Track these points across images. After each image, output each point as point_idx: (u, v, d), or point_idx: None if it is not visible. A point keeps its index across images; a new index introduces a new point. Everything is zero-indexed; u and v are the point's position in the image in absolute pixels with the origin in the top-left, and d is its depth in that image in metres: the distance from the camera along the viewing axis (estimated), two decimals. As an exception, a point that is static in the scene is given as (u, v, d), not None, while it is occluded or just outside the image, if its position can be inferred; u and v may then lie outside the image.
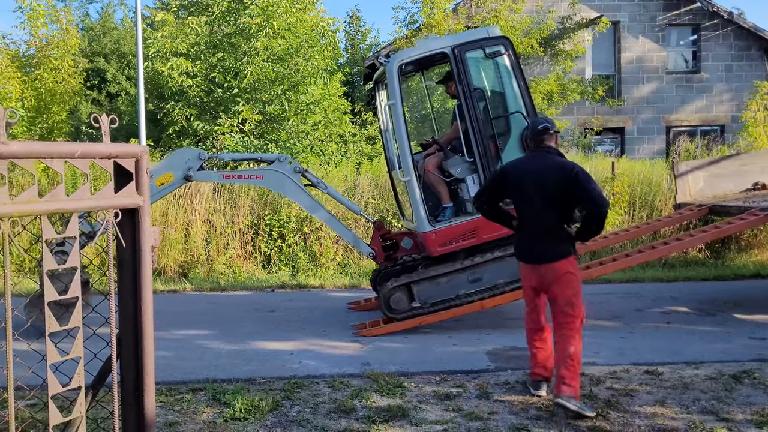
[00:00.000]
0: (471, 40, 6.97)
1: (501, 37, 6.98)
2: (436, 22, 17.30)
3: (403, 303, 6.96)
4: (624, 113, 19.70)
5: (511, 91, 6.99)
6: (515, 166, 5.08)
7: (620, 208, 11.68)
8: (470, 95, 6.83)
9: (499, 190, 5.13)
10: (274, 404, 4.77)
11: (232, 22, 14.77)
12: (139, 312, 2.28)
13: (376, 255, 7.58)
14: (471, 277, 6.98)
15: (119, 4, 26.00)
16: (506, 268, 6.92)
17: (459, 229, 6.93)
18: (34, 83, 14.57)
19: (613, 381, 5.26)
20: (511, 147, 6.87)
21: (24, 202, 1.85)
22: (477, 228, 6.88)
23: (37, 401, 4.52)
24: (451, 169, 7.15)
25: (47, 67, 14.58)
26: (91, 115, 2.32)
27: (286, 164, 7.32)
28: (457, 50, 6.84)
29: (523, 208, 4.92)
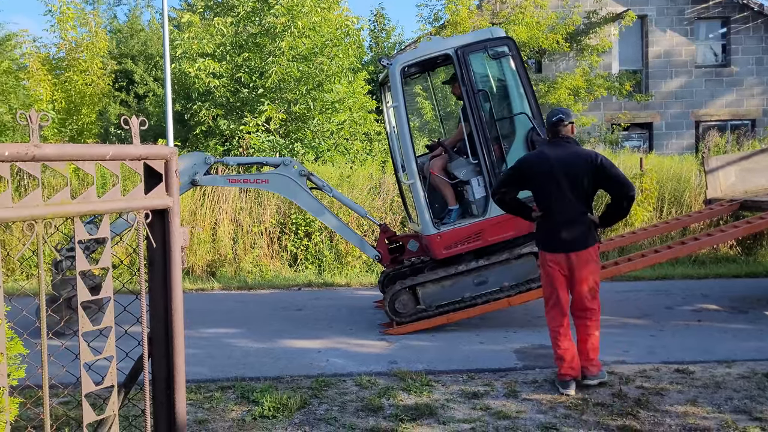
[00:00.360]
0: (474, 42, 6.88)
1: (505, 38, 6.90)
2: (460, 19, 17.25)
3: (408, 306, 6.94)
4: (652, 108, 19.46)
5: (515, 92, 6.91)
6: (537, 156, 5.15)
7: (649, 205, 11.53)
8: (474, 97, 6.76)
9: (520, 182, 5.18)
10: (302, 402, 4.80)
11: (257, 22, 14.86)
12: (170, 311, 2.31)
13: (381, 258, 7.55)
14: (476, 279, 6.94)
15: (146, 6, 26.36)
16: (511, 271, 6.91)
17: (464, 231, 6.88)
18: (64, 85, 14.80)
19: (643, 380, 5.20)
20: (516, 148, 6.81)
21: (57, 204, 1.88)
22: (482, 230, 6.83)
23: (70, 399, 4.60)
24: (455, 171, 7.09)
25: (77, 70, 14.80)
26: (121, 117, 2.36)
27: (291, 168, 7.31)
28: (461, 52, 6.77)
29: (550, 197, 4.97)
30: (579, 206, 4.94)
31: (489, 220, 6.79)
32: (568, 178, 4.89)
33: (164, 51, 14.02)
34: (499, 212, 6.67)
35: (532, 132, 6.75)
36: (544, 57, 18.96)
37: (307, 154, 14.35)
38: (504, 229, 6.80)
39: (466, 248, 6.89)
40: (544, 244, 5.13)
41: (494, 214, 6.74)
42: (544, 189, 5.00)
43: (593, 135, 18.25)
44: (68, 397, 4.54)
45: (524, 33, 16.97)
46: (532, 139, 6.73)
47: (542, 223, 5.14)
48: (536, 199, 5.16)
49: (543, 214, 5.10)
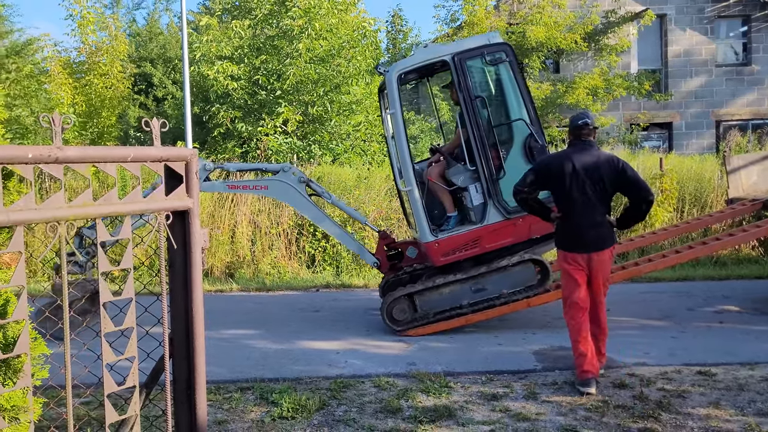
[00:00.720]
0: (471, 48, 6.85)
1: (502, 44, 6.87)
2: (477, 20, 17.22)
3: (406, 313, 6.91)
4: (671, 108, 19.29)
5: (513, 98, 6.87)
6: (562, 157, 5.23)
7: (669, 205, 11.42)
8: (471, 103, 6.73)
9: (543, 182, 5.29)
10: (321, 403, 4.80)
11: (274, 25, 14.92)
12: (190, 312, 2.32)
13: (380, 265, 7.53)
14: (474, 287, 6.90)
15: (165, 10, 26.56)
16: (510, 278, 6.87)
17: (462, 238, 6.84)
18: (84, 89, 14.95)
19: (664, 382, 5.15)
20: (514, 155, 6.79)
21: (80, 205, 1.89)
22: (480, 237, 6.80)
23: (92, 399, 4.64)
24: (453, 177, 7.06)
25: (97, 73, 14.95)
26: (142, 120, 2.37)
27: (290, 174, 7.30)
28: (458, 58, 6.74)
29: (574, 198, 5.08)
30: (600, 208, 5.09)
31: (487, 227, 6.77)
32: (592, 181, 5.03)
33: (183, 54, 14.13)
34: (496, 219, 6.76)
35: (530, 138, 6.73)
36: (562, 57, 18.86)
37: (325, 155, 14.38)
38: (502, 235, 6.79)
39: (464, 255, 6.86)
40: (565, 244, 5.22)
41: (492, 221, 6.76)
42: (568, 190, 5.09)
43: (612, 135, 18.12)
44: (90, 397, 4.58)
45: (542, 33, 16.89)
46: (530, 145, 6.72)
47: (564, 223, 5.23)
48: (558, 200, 5.24)
49: (564, 215, 5.19)
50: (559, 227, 5.30)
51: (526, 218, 6.68)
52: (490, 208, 6.76)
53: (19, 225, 1.73)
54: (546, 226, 6.58)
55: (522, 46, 17.38)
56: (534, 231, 6.80)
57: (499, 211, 6.73)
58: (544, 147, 6.73)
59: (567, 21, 17.61)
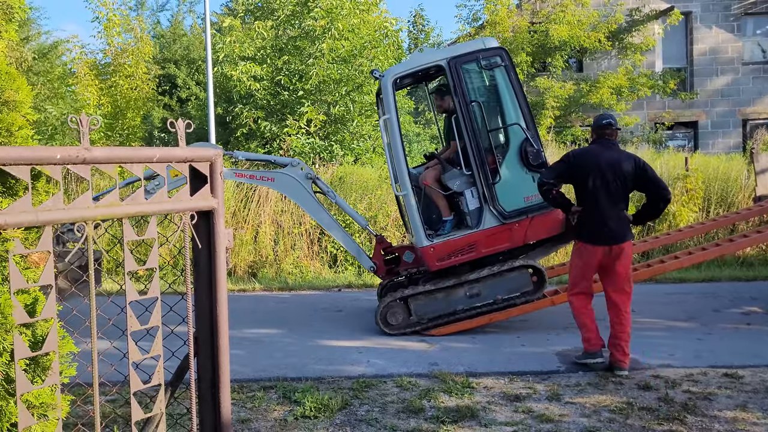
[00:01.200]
0: (467, 52, 6.83)
1: (498, 48, 6.84)
2: (499, 19, 17.14)
3: (400, 318, 6.90)
4: (697, 107, 19.05)
5: (509, 103, 6.83)
6: (586, 154, 5.53)
7: (694, 205, 11.29)
8: (467, 108, 6.73)
9: (568, 175, 5.59)
10: (344, 403, 4.81)
11: (296, 26, 14.98)
12: (215, 311, 2.34)
13: (377, 269, 7.50)
14: (469, 292, 6.88)
15: (188, 12, 26.75)
16: (506, 284, 6.85)
17: (457, 243, 6.81)
18: (110, 90, 15.13)
19: (690, 384, 5.09)
20: (510, 159, 6.76)
21: (106, 205, 1.92)
22: (476, 242, 6.78)
23: (117, 397, 4.70)
24: (449, 182, 7.04)
25: (122, 75, 15.12)
26: (164, 121, 2.40)
27: (298, 169, 7.31)
28: (453, 62, 6.73)
29: (598, 193, 5.37)
30: (621, 203, 5.41)
31: (483, 232, 6.75)
32: (615, 177, 5.32)
33: (206, 55, 14.24)
34: (492, 224, 6.75)
35: (525, 143, 6.71)
36: (586, 56, 18.70)
37: (346, 155, 14.41)
38: (498, 240, 6.77)
39: (460, 260, 6.83)
40: (587, 236, 5.48)
41: (488, 225, 6.74)
42: (592, 184, 5.37)
43: (636, 134, 17.94)
44: (116, 395, 4.64)
45: (565, 32, 16.77)
46: (526, 149, 6.69)
47: (586, 216, 5.48)
48: (581, 193, 5.51)
49: (587, 208, 5.45)
50: (581, 219, 5.53)
51: (522, 223, 6.72)
52: (486, 212, 6.75)
53: (48, 225, 1.75)
54: (542, 232, 6.75)
55: (545, 45, 17.27)
56: (530, 237, 6.82)
57: (494, 216, 6.73)
58: (540, 151, 6.71)
59: (590, 19, 17.46)
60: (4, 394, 1.99)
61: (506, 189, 6.72)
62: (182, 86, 21.84)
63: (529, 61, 17.03)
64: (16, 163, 1.69)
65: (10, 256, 1.70)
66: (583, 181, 5.42)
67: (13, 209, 1.68)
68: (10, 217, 1.67)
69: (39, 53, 17.82)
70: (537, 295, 6.82)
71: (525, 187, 6.72)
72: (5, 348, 1.96)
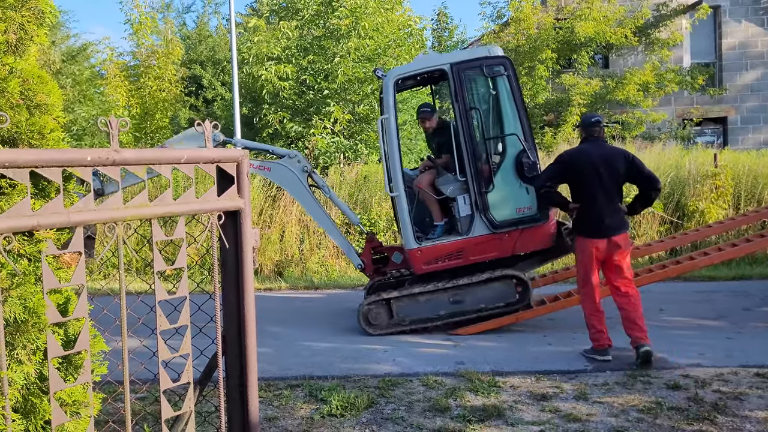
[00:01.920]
0: (471, 59, 6.84)
1: (502, 57, 6.82)
2: (524, 16, 17.04)
3: (382, 318, 6.90)
4: (726, 102, 18.74)
5: (509, 113, 6.82)
6: (581, 152, 5.78)
7: (724, 202, 11.13)
8: (466, 114, 6.72)
9: (564, 174, 5.83)
10: (370, 401, 4.83)
11: (321, 25, 15.03)
12: (242, 310, 2.36)
13: (365, 267, 7.48)
14: (453, 298, 6.88)
15: (213, 13, 26.99)
16: (490, 292, 6.83)
17: (445, 248, 6.81)
18: (138, 91, 15.33)
19: (720, 384, 5.02)
20: (505, 169, 6.75)
21: (136, 206, 1.94)
22: (464, 249, 6.78)
23: (147, 395, 4.76)
24: (442, 187, 7.03)
25: (150, 76, 15.30)
26: (191, 122, 2.43)
27: (295, 162, 7.31)
28: (456, 68, 6.73)
29: (595, 189, 5.61)
30: (616, 197, 5.69)
31: (472, 239, 6.76)
32: (609, 172, 5.60)
33: (231, 56, 14.36)
34: (482, 232, 6.76)
35: (522, 154, 6.70)
36: (612, 52, 18.50)
37: (371, 154, 14.42)
38: (486, 249, 6.78)
39: (447, 265, 6.83)
40: (587, 231, 5.72)
41: (477, 233, 6.74)
42: (589, 181, 5.63)
43: (664, 131, 17.71)
44: (145, 393, 4.70)
45: (591, 28, 16.61)
46: (522, 161, 6.68)
47: (584, 212, 5.72)
48: (578, 190, 5.76)
49: (585, 204, 5.70)
50: (580, 216, 5.77)
51: (512, 234, 6.74)
52: (477, 220, 6.76)
53: (79, 226, 1.78)
54: (531, 245, 6.80)
55: (570, 41, 17.12)
56: (519, 248, 6.83)
57: (485, 225, 6.74)
58: (536, 164, 6.70)
59: (617, 15, 17.27)
60: (37, 392, 2.03)
61: (499, 199, 6.76)
62: (208, 87, 22.03)
63: (554, 57, 16.91)
64: (48, 165, 1.72)
65: (42, 257, 1.74)
66: (579, 180, 5.69)
67: (45, 210, 1.71)
68: (43, 218, 1.70)
69: (68, 56, 18.10)
70: (521, 305, 6.82)
71: (518, 198, 6.76)
72: (39, 347, 2.00)
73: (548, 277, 8.13)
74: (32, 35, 2.20)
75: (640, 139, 16.09)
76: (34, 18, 2.20)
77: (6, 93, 2.04)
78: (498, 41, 17.55)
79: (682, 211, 11.35)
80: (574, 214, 5.85)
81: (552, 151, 14.52)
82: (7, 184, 1.99)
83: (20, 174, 1.66)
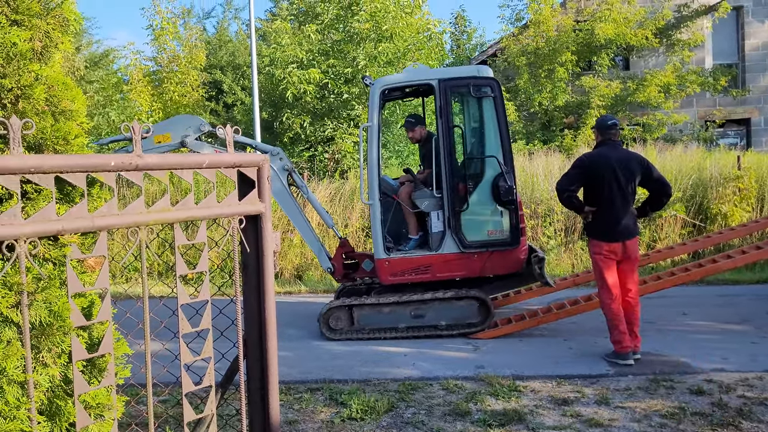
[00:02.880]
0: (460, 77, 6.88)
1: (490, 79, 6.83)
2: (543, 18, 16.96)
3: (342, 324, 6.90)
4: (749, 103, 18.49)
5: (492, 134, 6.83)
6: (600, 157, 5.74)
7: (747, 205, 10.98)
8: (448, 131, 6.72)
9: (584, 178, 5.81)
10: (390, 405, 4.82)
11: (341, 29, 15.07)
12: (263, 314, 2.37)
13: (334, 271, 7.44)
14: (414, 312, 6.87)
15: (233, 18, 27.18)
16: (451, 311, 6.83)
17: (413, 262, 6.82)
18: (161, 97, 15.48)
19: (745, 389, 4.95)
20: (482, 190, 6.76)
21: (158, 211, 1.96)
22: (432, 265, 6.79)
23: (169, 398, 4.79)
24: (417, 200, 7.03)
25: (173, 81, 15.45)
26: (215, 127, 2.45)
27: (277, 159, 7.28)
28: (444, 84, 6.74)
29: (613, 193, 5.64)
30: (631, 201, 5.74)
31: (440, 256, 6.78)
32: (626, 176, 5.63)
33: (252, 60, 14.44)
34: (452, 250, 6.79)
35: (499, 177, 6.69)
36: (632, 53, 18.35)
37: (391, 158, 14.43)
38: (454, 268, 6.79)
39: (413, 279, 6.85)
40: (604, 235, 5.73)
41: (447, 250, 6.76)
42: (607, 185, 5.64)
43: (686, 133, 17.52)
44: (168, 396, 4.74)
45: (611, 30, 16.49)
46: (498, 184, 6.68)
47: (602, 216, 5.73)
48: (595, 194, 5.76)
49: (602, 208, 5.70)
50: (597, 220, 5.77)
51: (481, 255, 6.75)
52: (448, 237, 6.78)
53: (103, 230, 1.81)
54: (500, 268, 6.81)
55: (590, 43, 17.01)
56: (487, 270, 6.83)
57: (455, 243, 6.76)
58: (512, 189, 6.66)
59: (637, 17, 17.13)
60: (62, 394, 2.06)
61: (472, 219, 6.78)
62: (228, 92, 22.16)
63: (574, 60, 16.81)
64: (72, 171, 1.74)
65: (67, 261, 1.76)
66: (598, 184, 5.69)
67: (70, 215, 1.74)
68: (68, 223, 1.72)
69: (90, 62, 18.32)
70: (482, 327, 6.82)
71: (491, 220, 6.78)
72: (63, 350, 2.03)
73: (569, 281, 8.08)
74: (57, 42, 2.23)
75: (662, 142, 15.94)
76: (59, 26, 2.23)
77: (32, 99, 2.07)
78: (517, 44, 17.48)
79: (705, 214, 11.22)
80: (590, 218, 5.85)
81: (572, 154, 14.43)
82: (33, 189, 2.02)
83: (46, 179, 1.68)
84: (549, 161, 12.50)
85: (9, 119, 1.63)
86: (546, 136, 17.02)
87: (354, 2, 14.57)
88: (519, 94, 17.56)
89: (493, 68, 18.60)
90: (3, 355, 1.89)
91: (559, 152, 14.43)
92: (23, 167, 1.62)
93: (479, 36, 26.33)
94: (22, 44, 2.04)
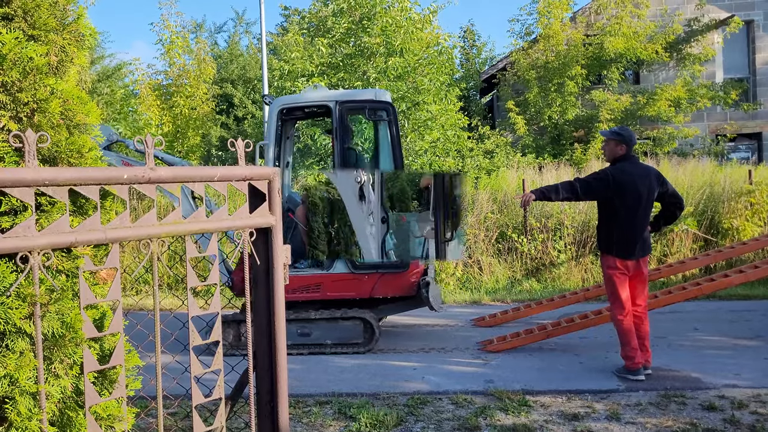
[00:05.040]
0: (356, 99, 6.99)
1: (386, 103, 6.90)
2: (553, 32, 17.00)
3: (229, 338, 6.85)
4: (761, 118, 18.43)
5: (386, 158, 6.90)
6: (623, 173, 5.62)
7: (759, 219, 10.92)
8: (342, 152, 6.78)
9: (601, 195, 5.72)
10: (399, 419, 4.81)
11: (351, 43, 15.15)
12: (273, 327, 2.38)
13: (233, 285, 7.31)
14: (300, 330, 6.89)
15: (245, 32, 27.38)
16: (336, 331, 6.87)
17: (304, 280, 6.83)
18: (171, 110, 15.60)
19: (757, 405, 4.91)
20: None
21: (170, 223, 1.98)
22: (322, 284, 6.81)
23: (178, 410, 4.79)
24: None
25: (182, 95, 15.57)
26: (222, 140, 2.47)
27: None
28: (340, 107, 6.79)
29: (635, 208, 5.56)
30: (648, 216, 5.70)
31: (330, 275, 6.82)
32: (646, 192, 5.59)
33: (263, 74, 14.56)
34: (341, 270, 6.83)
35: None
36: (643, 68, 18.35)
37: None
38: (345, 288, 6.83)
39: (305, 297, 6.86)
40: (623, 251, 5.63)
41: (337, 270, 6.80)
42: (631, 201, 5.57)
43: (696, 147, 17.47)
44: (177, 408, 4.74)
45: (621, 44, 16.51)
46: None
47: (621, 232, 5.61)
48: (613, 210, 5.63)
49: (622, 225, 5.58)
50: (616, 235, 5.64)
51: (371, 277, 6.77)
52: (339, 258, 6.81)
53: (115, 242, 1.82)
54: (390, 290, 6.80)
55: (600, 57, 17.03)
56: (378, 291, 6.84)
57: (345, 263, 6.79)
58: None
59: (647, 31, 17.14)
60: (73, 405, 2.06)
61: (361, 240, 6.77)
62: (239, 105, 22.32)
63: (584, 74, 16.82)
64: (86, 183, 1.76)
65: (80, 273, 1.77)
66: (620, 200, 5.59)
67: (83, 227, 1.75)
68: (80, 235, 1.74)
69: (103, 75, 18.50)
70: (367, 348, 6.85)
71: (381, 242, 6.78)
72: (75, 361, 2.04)
73: (579, 295, 8.05)
74: (72, 57, 2.26)
75: (675, 156, 15.89)
76: (75, 40, 2.26)
77: (47, 113, 2.10)
78: (527, 58, 17.51)
79: (717, 229, 11.16)
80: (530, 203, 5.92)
81: (582, 168, 14.41)
82: (47, 201, 2.04)
83: (60, 192, 1.70)
84: (559, 175, 12.49)
85: (25, 132, 1.65)
86: (556, 150, 17.00)
87: (365, 17, 14.65)
88: (529, 108, 17.57)
89: (503, 82, 18.67)
90: (16, 366, 1.90)
91: (569, 166, 14.41)
92: (38, 180, 1.64)
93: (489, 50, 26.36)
94: (39, 59, 2.07)
